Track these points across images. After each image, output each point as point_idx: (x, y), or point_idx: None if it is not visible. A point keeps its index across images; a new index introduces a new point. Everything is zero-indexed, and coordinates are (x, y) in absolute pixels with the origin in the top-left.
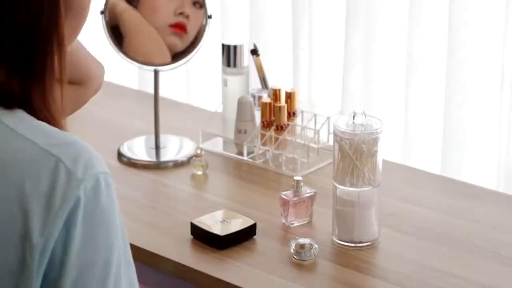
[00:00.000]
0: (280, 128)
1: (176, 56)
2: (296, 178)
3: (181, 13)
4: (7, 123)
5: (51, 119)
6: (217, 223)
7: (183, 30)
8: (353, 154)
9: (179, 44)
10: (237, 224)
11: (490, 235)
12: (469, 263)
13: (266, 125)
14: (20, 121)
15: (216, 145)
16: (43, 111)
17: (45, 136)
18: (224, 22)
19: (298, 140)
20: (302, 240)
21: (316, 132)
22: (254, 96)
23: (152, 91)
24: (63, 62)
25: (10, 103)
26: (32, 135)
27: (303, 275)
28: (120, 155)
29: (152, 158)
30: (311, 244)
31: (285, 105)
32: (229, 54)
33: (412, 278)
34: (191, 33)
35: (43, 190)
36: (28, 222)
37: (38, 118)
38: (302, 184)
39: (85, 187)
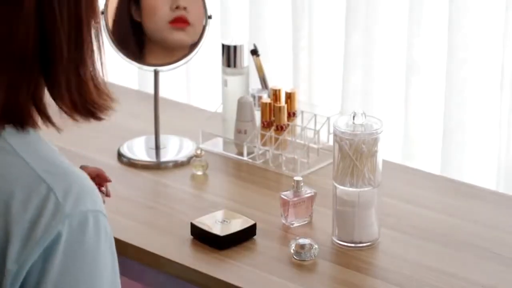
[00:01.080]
0: (280, 128)
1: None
2: (296, 178)
3: (177, 7)
4: (13, 144)
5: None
6: (217, 223)
7: (184, 22)
8: (353, 154)
9: (186, 37)
10: (237, 224)
11: (490, 235)
12: (469, 263)
13: (266, 125)
14: (26, 144)
15: (216, 145)
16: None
17: (45, 163)
18: (224, 22)
19: (298, 141)
20: (302, 241)
21: (316, 132)
22: (254, 96)
23: (152, 91)
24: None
25: (24, 125)
26: (32, 160)
27: (303, 275)
28: (120, 156)
29: (152, 159)
30: (311, 245)
31: (285, 105)
32: (229, 54)
33: (412, 278)
34: (196, 23)
35: (28, 216)
36: (7, 245)
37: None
38: (302, 184)
39: (70, 223)
